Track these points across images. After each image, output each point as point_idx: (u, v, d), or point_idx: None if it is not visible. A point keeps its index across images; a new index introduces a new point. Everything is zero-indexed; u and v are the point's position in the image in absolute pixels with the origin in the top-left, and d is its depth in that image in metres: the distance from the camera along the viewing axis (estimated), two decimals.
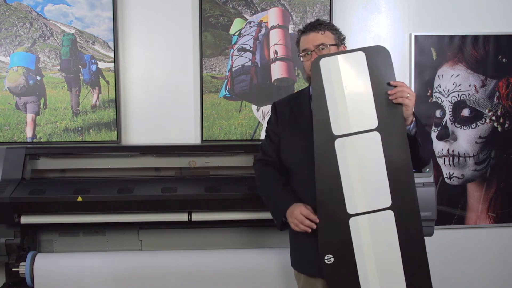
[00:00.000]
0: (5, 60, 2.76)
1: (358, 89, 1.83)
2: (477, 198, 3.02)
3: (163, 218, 2.42)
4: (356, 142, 1.82)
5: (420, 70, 2.94)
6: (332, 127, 1.83)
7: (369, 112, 1.81)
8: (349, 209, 1.82)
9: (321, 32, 1.97)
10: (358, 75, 1.83)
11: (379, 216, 1.81)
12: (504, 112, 2.99)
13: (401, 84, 1.82)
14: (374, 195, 1.81)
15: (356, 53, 1.84)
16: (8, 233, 2.44)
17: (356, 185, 1.82)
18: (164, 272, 2.43)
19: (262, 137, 2.86)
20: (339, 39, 2.00)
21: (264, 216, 2.39)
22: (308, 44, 1.97)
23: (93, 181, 2.52)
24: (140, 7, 2.83)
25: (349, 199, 1.82)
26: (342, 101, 1.82)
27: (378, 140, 1.81)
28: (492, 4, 2.98)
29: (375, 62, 1.83)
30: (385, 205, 1.81)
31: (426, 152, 1.92)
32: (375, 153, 1.81)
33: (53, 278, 2.40)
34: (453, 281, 3.05)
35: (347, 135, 1.82)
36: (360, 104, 1.82)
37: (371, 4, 2.94)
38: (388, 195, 1.80)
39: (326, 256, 1.83)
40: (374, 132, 1.81)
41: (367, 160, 1.82)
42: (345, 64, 1.84)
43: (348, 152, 1.82)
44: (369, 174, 1.82)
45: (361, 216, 1.82)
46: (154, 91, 2.86)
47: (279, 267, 2.44)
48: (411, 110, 1.82)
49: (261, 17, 2.86)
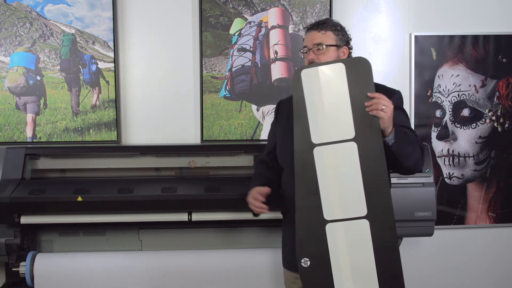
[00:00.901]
0: (5, 60, 2.76)
1: (337, 100, 1.87)
2: (477, 198, 3.02)
3: (163, 218, 2.42)
4: (333, 151, 1.87)
5: (420, 70, 2.94)
6: (311, 136, 1.88)
7: (347, 123, 1.85)
8: (326, 215, 1.86)
9: (322, 31, 1.98)
10: (337, 86, 1.87)
11: (354, 224, 1.85)
12: (504, 112, 2.99)
13: (378, 96, 1.82)
14: (350, 204, 1.85)
15: (336, 65, 1.88)
16: (8, 233, 2.44)
17: (333, 193, 1.86)
18: (164, 272, 2.43)
19: (262, 137, 2.86)
20: (342, 40, 2.00)
21: (264, 216, 2.38)
22: (308, 42, 2.00)
23: (93, 181, 2.52)
24: (140, 7, 2.83)
25: (326, 205, 1.86)
26: (322, 111, 1.88)
27: (354, 150, 1.84)
28: (492, 4, 2.98)
29: (354, 73, 1.86)
30: (360, 214, 1.84)
31: (410, 162, 1.89)
32: (352, 162, 1.85)
33: (53, 278, 2.40)
34: (453, 281, 3.05)
35: (325, 144, 1.87)
36: (338, 114, 1.86)
37: (371, 4, 2.94)
38: (364, 204, 1.84)
39: (303, 259, 1.87)
40: (351, 143, 1.85)
41: (344, 169, 1.86)
42: (325, 76, 1.88)
43: (326, 161, 1.87)
44: (346, 183, 1.86)
45: (338, 223, 1.86)
46: (154, 91, 2.86)
47: (279, 267, 2.43)
48: (388, 122, 1.82)
49: (261, 17, 2.86)
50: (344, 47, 2.01)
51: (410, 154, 1.88)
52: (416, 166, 1.92)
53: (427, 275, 3.00)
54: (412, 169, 1.95)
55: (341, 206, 1.85)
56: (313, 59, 1.97)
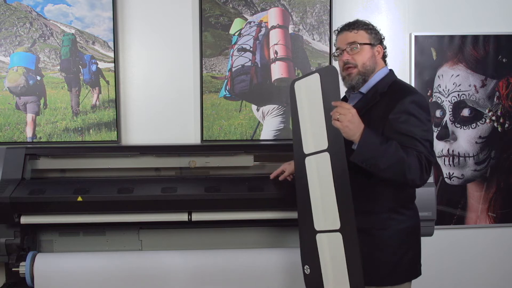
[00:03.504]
0: (5, 60, 2.76)
1: (315, 110, 1.90)
2: (477, 198, 3.02)
3: (163, 218, 2.42)
4: (316, 161, 1.91)
5: (420, 70, 2.94)
6: (303, 146, 1.94)
7: (322, 133, 1.88)
8: (316, 225, 1.91)
9: (355, 31, 1.96)
10: (314, 97, 1.90)
11: (333, 237, 1.88)
12: (504, 112, 2.99)
13: (339, 105, 1.77)
14: (330, 215, 1.88)
15: (314, 75, 1.91)
16: (8, 233, 2.43)
17: (319, 204, 1.90)
18: (164, 272, 2.43)
19: (262, 137, 2.87)
20: (375, 39, 1.98)
21: (264, 216, 2.39)
22: (340, 43, 1.99)
23: (93, 181, 2.52)
24: (140, 7, 2.83)
25: (315, 215, 1.92)
26: (308, 122, 1.92)
27: (328, 161, 1.86)
28: (492, 4, 2.98)
29: (326, 83, 1.87)
30: (335, 227, 1.87)
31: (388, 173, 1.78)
32: (327, 173, 1.87)
33: (53, 278, 2.40)
34: (453, 281, 3.05)
35: (311, 154, 1.92)
36: (316, 125, 1.90)
37: (371, 4, 2.94)
38: (337, 217, 1.86)
39: (305, 266, 1.95)
40: (325, 153, 1.87)
41: (323, 180, 1.89)
42: (308, 86, 1.92)
43: (313, 171, 1.91)
44: (325, 194, 1.88)
45: (323, 233, 1.90)
46: (154, 91, 2.86)
47: (279, 267, 2.44)
48: (346, 131, 1.76)
49: (261, 17, 2.86)
50: (378, 45, 1.99)
51: (387, 165, 1.75)
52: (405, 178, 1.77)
53: (427, 275, 2.99)
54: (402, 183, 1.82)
55: (324, 217, 1.89)
56: (348, 60, 1.95)
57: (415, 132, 1.83)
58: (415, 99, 1.87)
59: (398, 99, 1.87)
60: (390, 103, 1.89)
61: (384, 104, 1.90)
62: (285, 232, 2.58)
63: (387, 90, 1.94)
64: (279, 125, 2.88)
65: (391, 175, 1.79)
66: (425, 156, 1.80)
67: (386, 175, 1.80)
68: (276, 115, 2.88)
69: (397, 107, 1.85)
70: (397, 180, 1.81)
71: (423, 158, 1.79)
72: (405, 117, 1.84)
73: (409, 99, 1.86)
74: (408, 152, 1.78)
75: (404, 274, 2.00)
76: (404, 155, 1.76)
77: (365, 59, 1.95)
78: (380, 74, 2.00)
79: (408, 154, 1.77)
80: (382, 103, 1.91)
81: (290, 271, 2.40)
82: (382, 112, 1.89)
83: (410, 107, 1.85)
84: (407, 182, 1.80)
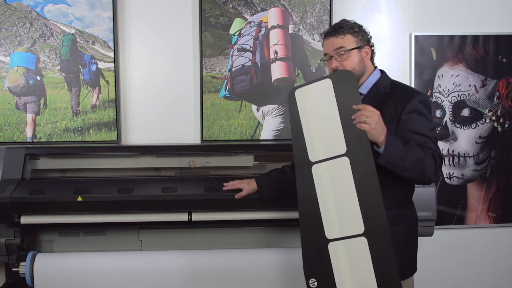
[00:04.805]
0: (5, 60, 2.76)
1: (327, 116, 1.87)
2: (477, 198, 3.02)
3: (163, 218, 2.42)
4: (329, 168, 1.87)
5: (420, 70, 2.94)
6: (309, 154, 1.89)
7: (338, 138, 1.85)
8: (327, 234, 1.86)
9: (341, 36, 1.96)
10: (326, 103, 1.87)
11: (354, 242, 1.83)
12: (504, 112, 2.99)
13: (362, 108, 1.79)
14: (348, 221, 1.84)
15: (324, 81, 1.89)
16: (8, 233, 2.43)
17: (332, 210, 1.86)
18: (164, 272, 2.43)
19: (262, 137, 2.87)
20: (362, 41, 1.98)
21: (264, 216, 2.39)
22: (328, 49, 1.99)
23: (93, 181, 2.52)
24: (140, 7, 2.83)
25: (326, 224, 1.86)
26: (315, 129, 1.89)
27: (347, 165, 1.83)
28: (492, 4, 2.98)
29: (341, 87, 1.86)
30: (358, 232, 1.83)
31: (411, 173, 1.83)
32: (346, 178, 1.84)
33: (53, 278, 2.40)
34: (453, 281, 3.05)
35: (321, 161, 1.88)
36: (330, 130, 1.87)
37: (371, 4, 2.94)
38: (361, 221, 1.82)
39: (310, 280, 1.87)
40: (344, 157, 1.84)
41: (339, 185, 1.85)
42: (316, 93, 1.89)
43: (323, 178, 1.87)
44: (342, 200, 1.85)
45: (338, 241, 1.85)
46: (154, 91, 2.86)
47: (279, 267, 2.44)
48: (374, 133, 1.77)
49: (261, 17, 2.86)
50: (366, 47, 1.99)
51: (409, 165, 1.81)
52: (424, 177, 1.84)
53: (427, 275, 3.00)
54: (419, 181, 1.89)
55: (339, 224, 1.84)
56: (337, 67, 1.96)
57: (426, 131, 1.89)
58: (422, 98, 1.93)
59: (407, 100, 1.90)
60: (399, 103, 1.92)
61: (392, 104, 1.93)
62: (285, 232, 2.58)
63: (390, 91, 1.97)
64: (279, 125, 2.88)
65: (413, 174, 1.84)
66: (438, 153, 1.88)
67: (408, 174, 1.84)
68: (276, 115, 2.88)
69: (408, 107, 1.90)
70: (417, 178, 1.87)
71: (436, 155, 1.87)
72: (416, 116, 1.89)
73: (417, 99, 1.91)
74: (424, 150, 1.85)
75: (409, 268, 2.03)
76: (423, 154, 1.83)
77: (354, 64, 1.96)
78: (376, 75, 2.03)
79: (425, 153, 1.84)
80: (390, 104, 1.94)
81: (290, 271, 2.40)
82: (392, 113, 1.92)
83: (420, 106, 1.91)
84: (425, 179, 1.86)
